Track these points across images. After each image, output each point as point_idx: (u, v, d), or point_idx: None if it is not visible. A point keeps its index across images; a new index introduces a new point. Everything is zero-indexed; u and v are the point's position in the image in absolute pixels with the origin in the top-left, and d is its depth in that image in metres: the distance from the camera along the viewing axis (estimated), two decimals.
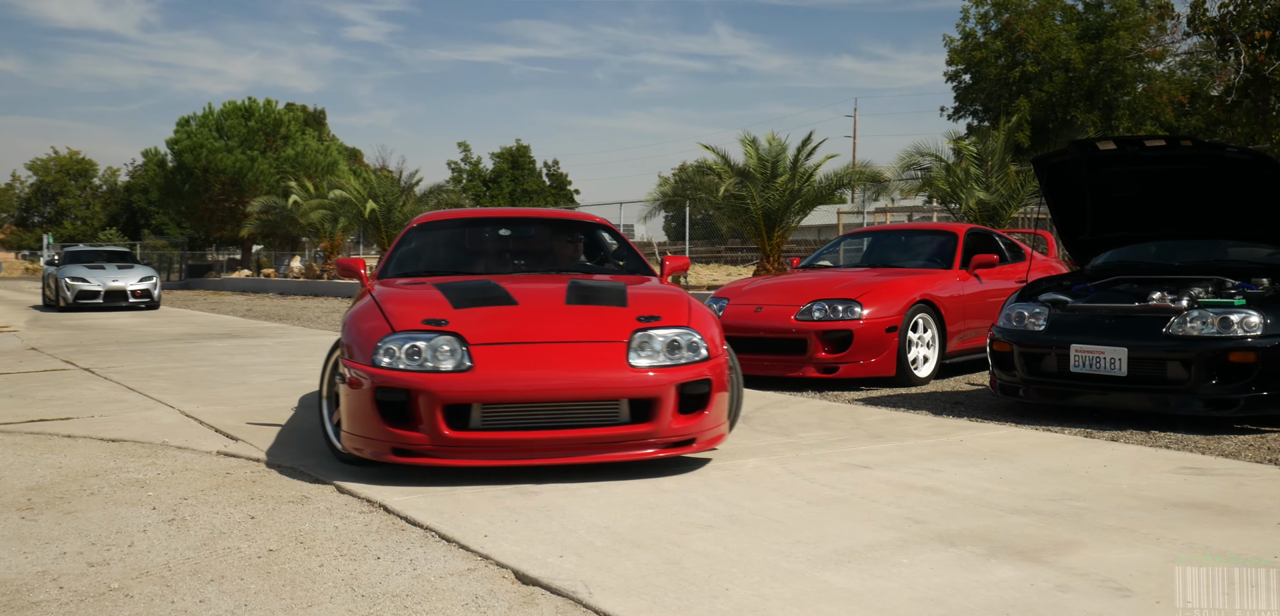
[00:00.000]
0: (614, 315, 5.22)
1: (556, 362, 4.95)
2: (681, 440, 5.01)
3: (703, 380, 5.04)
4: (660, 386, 4.90)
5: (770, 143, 18.43)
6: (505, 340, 5.04)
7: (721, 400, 5.20)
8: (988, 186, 15.59)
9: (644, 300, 5.42)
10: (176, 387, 8.64)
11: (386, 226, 28.91)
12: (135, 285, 22.64)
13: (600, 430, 4.90)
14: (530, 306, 5.37)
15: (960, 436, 6.08)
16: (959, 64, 44.80)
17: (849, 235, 11.03)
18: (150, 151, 42.71)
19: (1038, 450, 5.65)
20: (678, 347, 5.07)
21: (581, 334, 5.11)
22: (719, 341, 5.29)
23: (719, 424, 5.22)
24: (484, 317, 5.17)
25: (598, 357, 4.97)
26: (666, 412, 4.92)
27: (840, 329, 8.25)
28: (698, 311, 5.42)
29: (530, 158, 66.16)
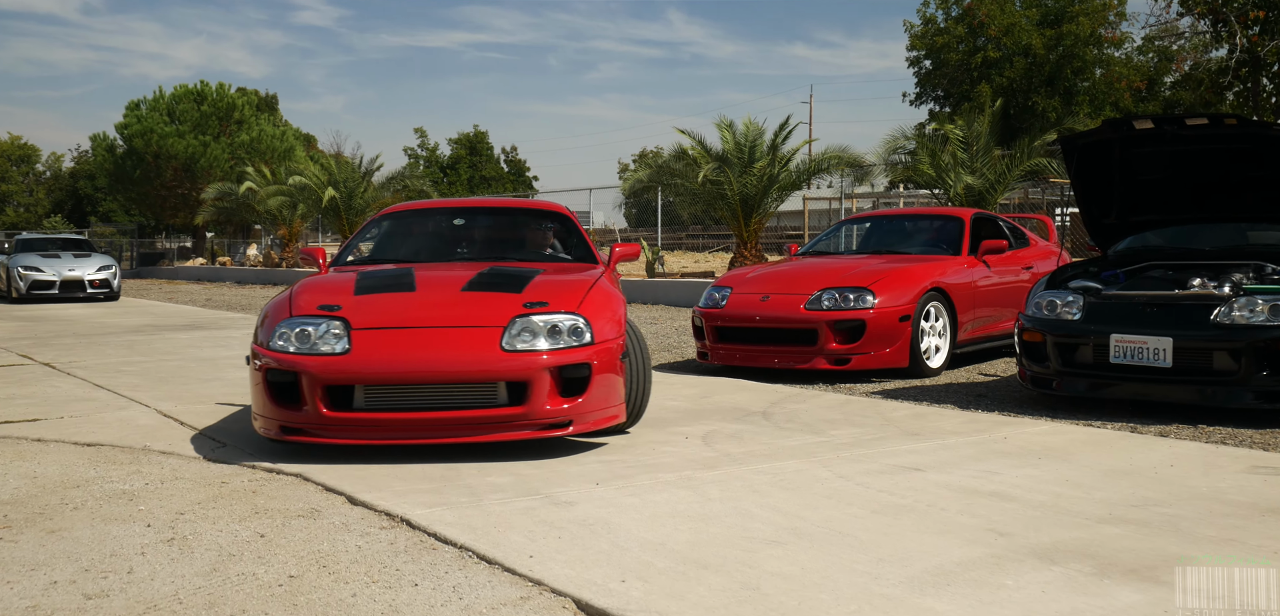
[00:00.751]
0: (502, 301, 5.38)
1: (431, 347, 5.14)
2: (557, 422, 5.12)
3: (581, 364, 5.15)
4: (531, 369, 5.04)
5: (747, 127, 18.07)
6: (388, 325, 5.27)
7: (608, 383, 5.27)
8: (973, 170, 15.35)
9: (542, 286, 5.57)
10: (148, 384, 8.11)
11: (347, 213, 28.22)
12: (93, 275, 21.72)
13: (477, 411, 5.06)
14: (428, 293, 5.62)
15: (1001, 433, 5.75)
16: (920, 49, 44.78)
17: (848, 220, 10.70)
18: (99, 136, 41.47)
19: (1090, 448, 5.34)
20: (558, 332, 5.19)
21: (463, 320, 5.30)
22: (612, 328, 5.38)
23: (604, 407, 5.29)
24: (377, 303, 5.44)
25: (470, 342, 5.15)
26: (540, 395, 5.05)
27: (852, 318, 7.90)
28: (596, 298, 5.52)
29: (488, 144, 65.38)
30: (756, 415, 6.46)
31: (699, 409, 6.73)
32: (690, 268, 25.30)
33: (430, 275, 5.97)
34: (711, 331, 8.52)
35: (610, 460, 5.15)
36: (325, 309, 5.34)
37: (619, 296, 5.77)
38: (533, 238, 7.19)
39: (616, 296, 5.72)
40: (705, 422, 6.21)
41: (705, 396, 7.25)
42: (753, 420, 6.28)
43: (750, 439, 5.69)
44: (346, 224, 28.39)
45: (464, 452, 5.28)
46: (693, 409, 6.73)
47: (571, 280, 5.80)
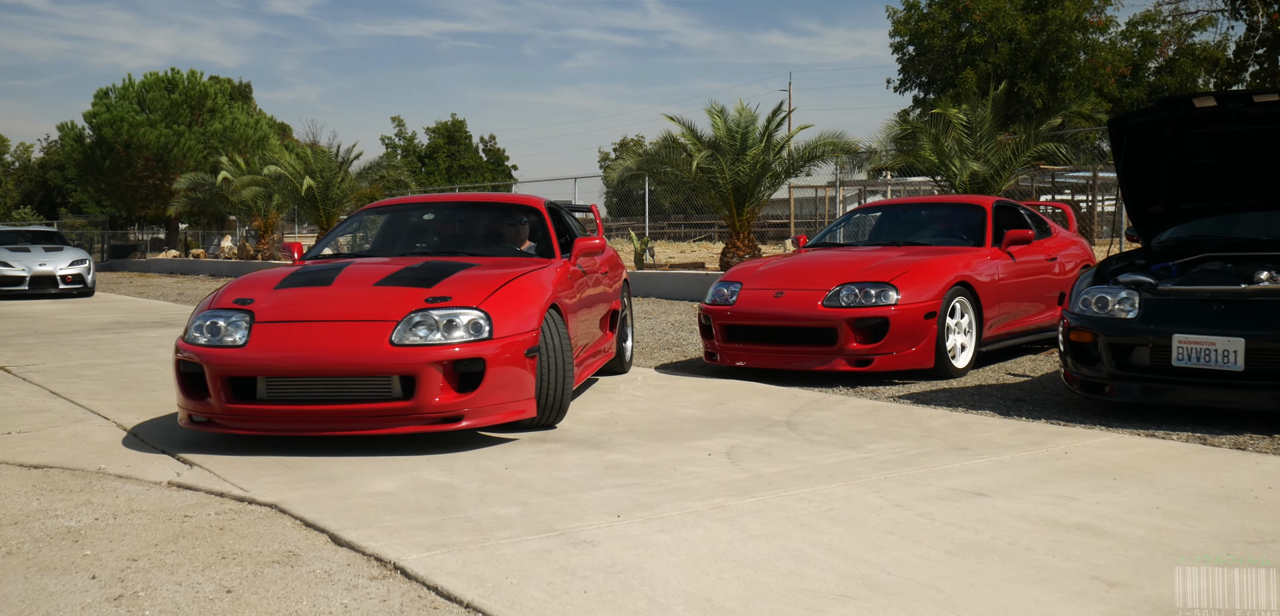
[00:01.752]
0: (407, 296, 5.43)
1: (322, 340, 5.22)
2: (448, 417, 5.13)
3: (474, 359, 5.15)
4: (417, 363, 5.06)
5: (740, 113, 17.45)
6: (289, 319, 5.41)
7: (508, 378, 5.27)
8: (977, 156, 14.77)
9: (456, 281, 5.60)
10: (110, 391, 7.44)
11: (324, 204, 27.42)
12: (66, 270, 20.49)
13: (371, 405, 5.10)
14: (342, 289, 5.69)
15: (1060, 447, 5.17)
16: (903, 35, 44.30)
17: (859, 209, 10.09)
18: (66, 126, 40.31)
19: (1167, 465, 4.76)
20: (454, 326, 5.21)
21: (361, 314, 5.36)
22: (517, 323, 5.39)
23: (504, 403, 5.30)
24: (288, 298, 5.61)
25: (361, 336, 5.20)
26: (430, 389, 5.06)
27: (874, 316, 7.31)
28: (508, 293, 5.53)
29: (466, 133, 64.57)
30: (780, 425, 5.87)
31: (715, 418, 6.13)
32: (677, 258, 24.69)
33: (356, 271, 6.04)
34: (720, 330, 7.91)
35: (628, 484, 4.54)
36: (239, 302, 5.57)
37: (545, 290, 5.77)
38: (503, 232, 7.21)
39: (539, 291, 5.72)
40: (726, 435, 5.61)
41: (719, 402, 6.65)
42: (778, 431, 5.69)
43: (780, 455, 5.09)
44: (324, 215, 27.61)
45: (463, 472, 4.67)
46: (709, 418, 6.13)
47: (492, 275, 5.78)
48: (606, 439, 5.54)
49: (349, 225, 7.98)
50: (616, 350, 7.81)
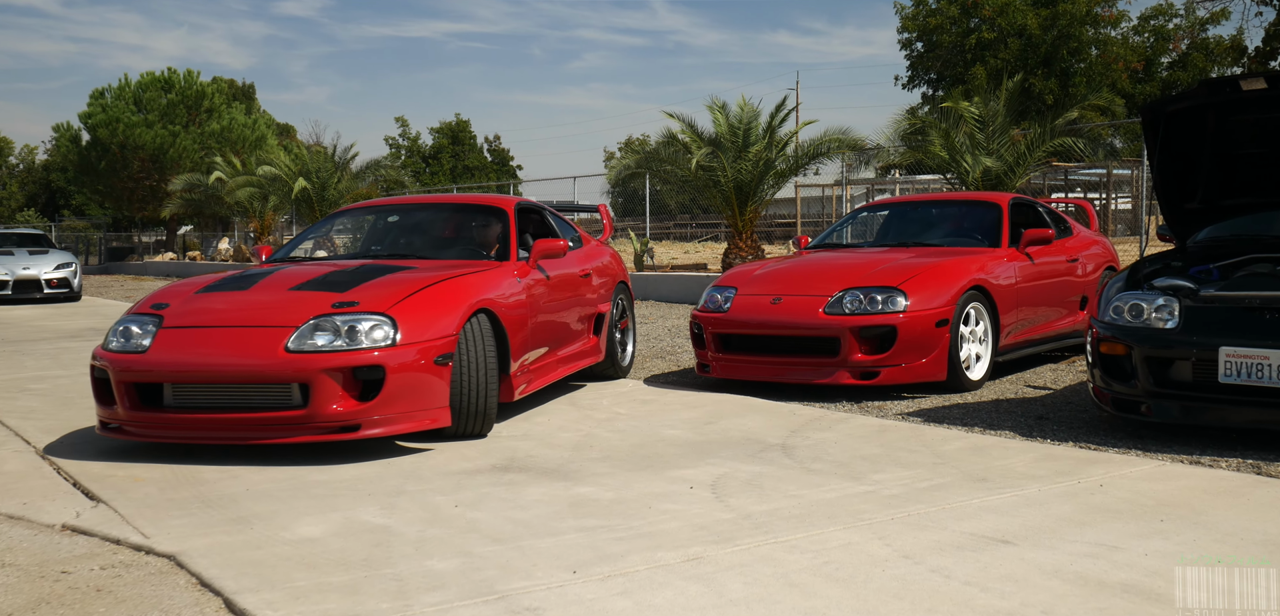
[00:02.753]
0: (314, 300, 5.30)
1: (219, 346, 5.14)
2: (345, 425, 4.99)
3: (373, 366, 4.99)
4: (309, 370, 4.93)
5: (742, 108, 16.79)
6: (194, 324, 5.31)
7: (412, 385, 5.11)
8: (991, 152, 14.08)
9: (372, 286, 5.48)
10: (48, 408, 6.82)
11: (320, 205, 26.82)
12: (50, 273, 19.81)
13: (271, 413, 4.99)
14: (257, 294, 5.60)
15: (1093, 478, 4.51)
16: (911, 31, 43.55)
17: (865, 207, 9.42)
18: (62, 126, 39.83)
19: (1220, 502, 4.10)
20: (355, 333, 5.06)
21: (263, 320, 5.23)
22: (428, 330, 5.21)
23: (409, 413, 5.14)
24: (202, 302, 5.52)
25: (256, 342, 5.08)
26: (324, 396, 4.93)
27: (881, 324, 6.66)
28: (423, 298, 5.37)
29: (470, 133, 63.98)
30: (775, 449, 5.22)
31: (704, 440, 5.49)
32: (680, 259, 24.04)
33: (283, 275, 5.90)
34: (713, 339, 7.26)
35: (594, 527, 3.90)
36: (155, 307, 5.50)
37: (470, 295, 5.57)
38: (469, 234, 7.04)
39: (462, 295, 5.53)
40: (713, 461, 4.97)
41: (710, 421, 6.00)
42: (772, 456, 5.04)
43: (772, 487, 4.45)
44: (320, 215, 26.99)
45: (405, 512, 4.03)
46: (696, 440, 5.49)
47: (413, 279, 5.62)
48: (578, 467, 4.91)
49: (320, 228, 7.87)
50: (607, 354, 7.58)
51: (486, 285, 5.83)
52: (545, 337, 6.55)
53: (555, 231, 7.48)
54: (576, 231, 7.96)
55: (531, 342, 6.28)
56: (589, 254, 7.67)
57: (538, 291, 6.45)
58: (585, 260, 7.49)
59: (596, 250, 7.91)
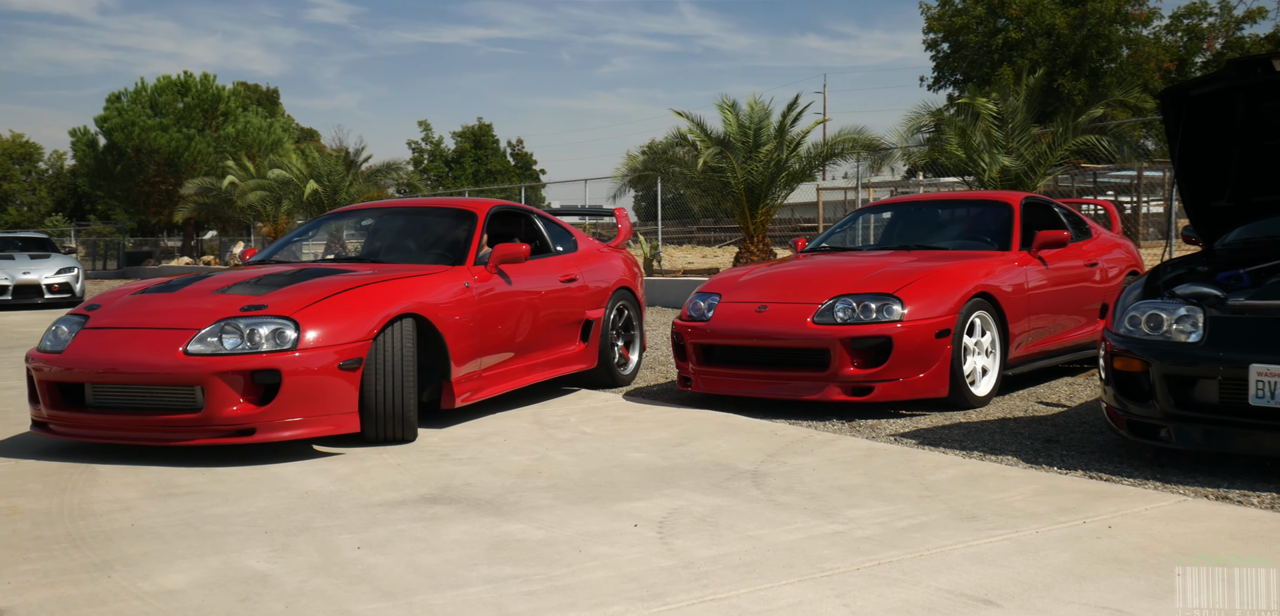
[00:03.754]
0: (228, 303, 5.32)
1: (123, 346, 5.18)
2: (239, 429, 4.99)
3: (267, 370, 4.99)
4: (203, 373, 4.94)
5: (752, 107, 16.19)
6: (112, 325, 5.36)
7: (311, 389, 5.06)
8: (1009, 151, 13.38)
9: (290, 290, 5.47)
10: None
11: (331, 207, 26.42)
12: (51, 278, 19.33)
13: (175, 415, 5.02)
14: (179, 297, 5.62)
15: (1101, 516, 3.90)
16: (937, 31, 42.74)
17: (866, 208, 8.79)
18: (78, 130, 39.66)
19: (1252, 548, 3.47)
20: (256, 337, 5.05)
21: (171, 322, 5.24)
22: (334, 334, 5.16)
23: (311, 418, 5.09)
24: (130, 305, 5.56)
25: (159, 343, 5.12)
26: (220, 399, 4.95)
27: (874, 334, 6.05)
28: (334, 303, 5.31)
29: (493, 137, 63.61)
30: (744, 477, 4.64)
31: (668, 466, 4.91)
32: (697, 263, 23.45)
33: (215, 279, 5.96)
34: (694, 350, 6.68)
35: (508, 577, 3.33)
36: (89, 307, 5.63)
37: (390, 300, 5.46)
38: (438, 238, 6.85)
39: (381, 300, 5.44)
40: (671, 492, 4.39)
41: (680, 443, 5.42)
42: (738, 486, 4.46)
43: (729, 526, 3.86)
44: None
45: (296, 553, 3.48)
46: (659, 466, 4.91)
47: (330, 283, 5.57)
48: (517, 498, 4.34)
49: (305, 231, 7.79)
50: (601, 361, 7.42)
51: (418, 290, 5.72)
52: (504, 343, 6.39)
53: (543, 235, 7.37)
54: (573, 236, 7.72)
55: (483, 349, 6.14)
56: (580, 258, 7.46)
57: (494, 296, 6.29)
58: (572, 264, 7.30)
59: (593, 254, 7.67)
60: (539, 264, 6.97)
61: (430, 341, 5.74)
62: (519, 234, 7.36)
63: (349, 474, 4.81)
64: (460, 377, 5.90)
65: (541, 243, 7.36)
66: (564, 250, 7.45)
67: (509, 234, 7.30)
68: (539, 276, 6.85)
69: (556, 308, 6.94)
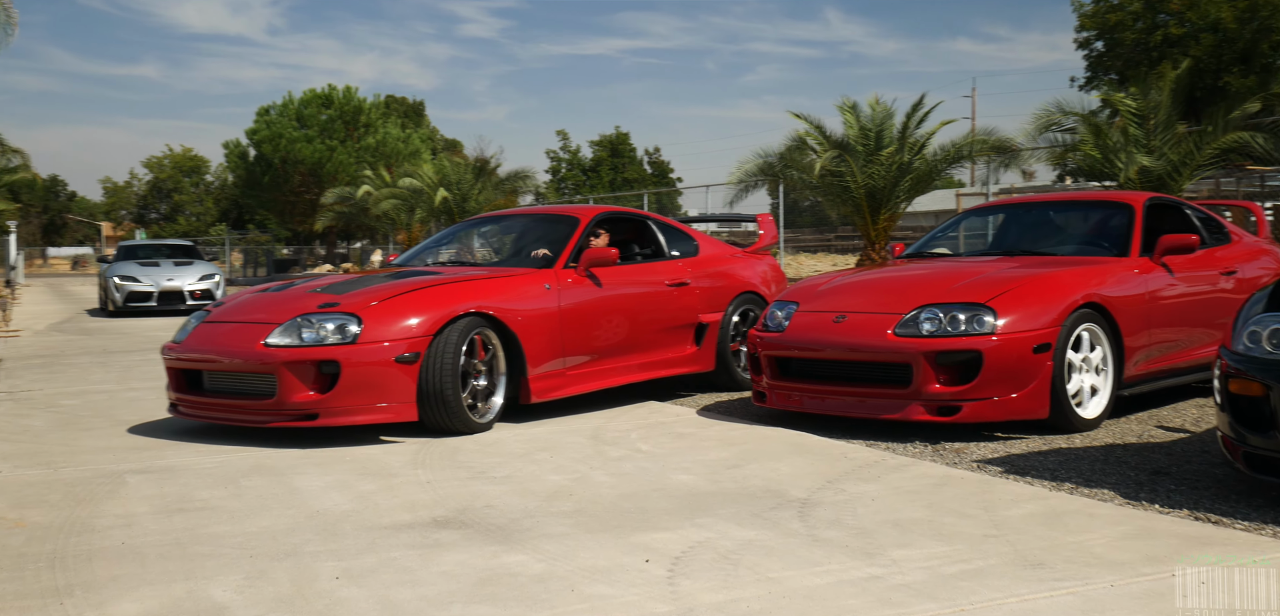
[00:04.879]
0: (312, 300, 5.91)
1: (225, 338, 5.85)
2: (304, 414, 5.51)
3: (329, 360, 5.48)
4: (274, 362, 5.50)
5: (873, 109, 15.49)
6: (222, 319, 6.06)
7: (367, 379, 5.49)
8: (1150, 150, 12.33)
9: (366, 290, 5.98)
10: (44, 430, 6.34)
11: (460, 215, 26.71)
12: (194, 285, 19.50)
13: (258, 400, 5.61)
14: (282, 295, 6.17)
15: (1193, 570, 3.28)
16: (1090, 29, 40.62)
17: (972, 212, 8.11)
18: (231, 143, 41.44)
19: None
20: (323, 330, 5.56)
21: (261, 317, 5.85)
22: (394, 331, 5.58)
23: (366, 405, 5.52)
24: (242, 302, 6.29)
25: (243, 335, 5.75)
26: (288, 386, 5.49)
27: (962, 348, 5.46)
28: (398, 302, 5.74)
29: (630, 145, 63.73)
30: (792, 506, 4.16)
31: (712, 491, 4.46)
32: (826, 272, 22.74)
33: (324, 280, 6.58)
34: (769, 363, 6.20)
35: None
36: (215, 305, 6.42)
37: (450, 302, 5.82)
38: (537, 241, 7.12)
39: (440, 301, 5.82)
40: (702, 522, 3.95)
41: (735, 465, 4.97)
42: (780, 518, 3.99)
43: (749, 567, 3.40)
44: None
45: (268, 582, 3.19)
46: (701, 490, 4.47)
47: (402, 284, 6.03)
48: (533, 524, 3.98)
49: (440, 239, 8.12)
50: (719, 365, 7.49)
51: (488, 292, 6.05)
52: (592, 344, 6.61)
53: (658, 240, 7.56)
54: (695, 240, 7.80)
55: (566, 349, 6.39)
56: (698, 262, 7.56)
57: (580, 298, 6.54)
58: (685, 269, 7.42)
59: (715, 259, 7.74)
60: (641, 267, 7.23)
61: (511, 340, 6.07)
62: (633, 239, 7.59)
63: (371, 492, 4.53)
64: (537, 375, 6.18)
65: (655, 247, 7.55)
66: (681, 255, 7.55)
67: (625, 239, 7.54)
68: (639, 279, 7.08)
69: (659, 310, 7.10)
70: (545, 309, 6.29)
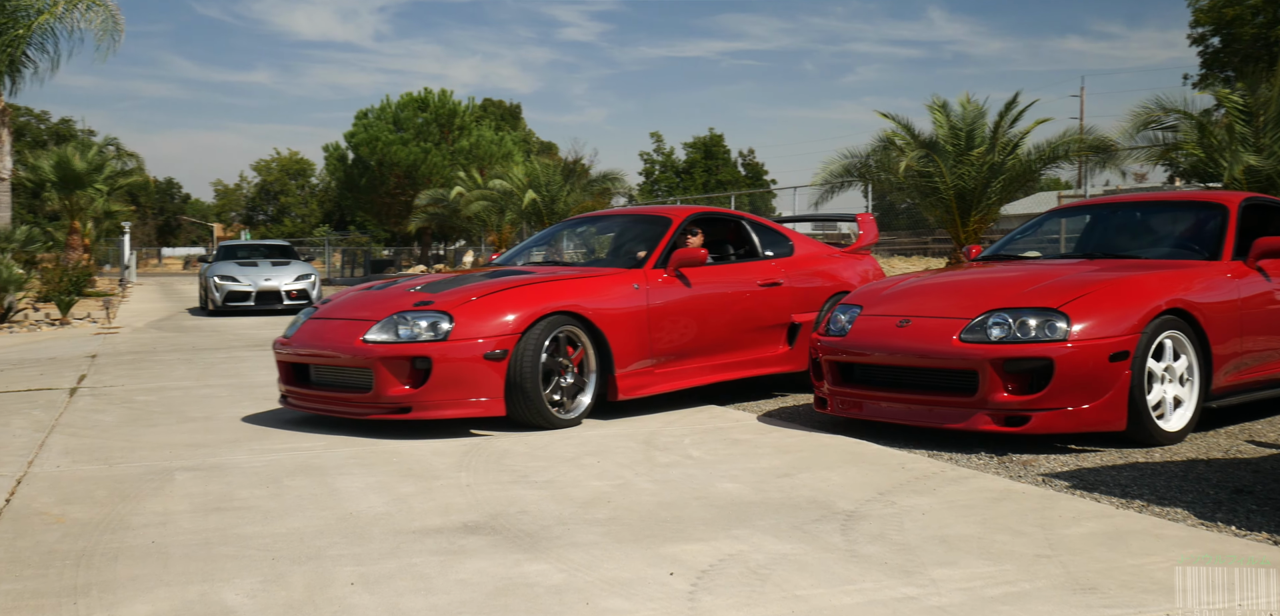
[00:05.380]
0: (410, 298, 6.10)
1: (329, 334, 6.12)
2: (398, 407, 5.74)
3: (420, 356, 5.70)
4: (370, 358, 5.75)
5: (964, 106, 15.02)
6: (326, 315, 6.35)
7: (461, 376, 5.70)
8: (1259, 148, 11.68)
9: (461, 288, 6.19)
10: (114, 423, 6.46)
11: (548, 217, 26.83)
12: (290, 284, 19.63)
13: (358, 393, 5.84)
14: (383, 293, 6.40)
15: (1261, 600, 3.01)
16: (1206, 24, 38.99)
17: (1055, 212, 7.73)
18: (331, 146, 42.42)
19: None
20: (417, 328, 5.78)
21: (362, 313, 6.08)
22: (484, 328, 5.78)
23: (456, 400, 5.74)
24: (345, 299, 6.51)
25: (345, 331, 5.99)
26: (383, 381, 5.73)
27: (1032, 355, 5.18)
28: (487, 301, 5.93)
29: (724, 147, 63.42)
30: (835, 519, 3.97)
31: (756, 500, 4.29)
32: None
33: (423, 279, 6.77)
34: (830, 369, 5.99)
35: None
36: (322, 302, 6.76)
37: (535, 300, 5.99)
38: (631, 241, 7.32)
39: (526, 299, 5.97)
40: (738, 534, 3.79)
41: (786, 474, 4.78)
42: (821, 532, 3.80)
43: (778, 584, 3.23)
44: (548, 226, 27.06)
45: (284, 586, 3.14)
46: (746, 499, 4.30)
47: (494, 284, 6.20)
48: (562, 532, 3.86)
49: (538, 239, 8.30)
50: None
51: (577, 291, 6.22)
52: (681, 343, 6.70)
53: (752, 240, 7.58)
54: (791, 240, 7.81)
55: (655, 348, 6.52)
56: (793, 262, 7.58)
57: (668, 298, 6.65)
58: (779, 269, 7.44)
59: (811, 259, 7.76)
60: (733, 268, 7.29)
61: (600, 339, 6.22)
62: (727, 239, 7.67)
63: (409, 495, 4.47)
64: (625, 373, 6.32)
65: (749, 247, 7.60)
66: (775, 255, 7.58)
67: (719, 240, 7.62)
68: (729, 279, 7.14)
69: (750, 310, 7.15)
70: (633, 308, 6.42)
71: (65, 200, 33.32)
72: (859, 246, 8.48)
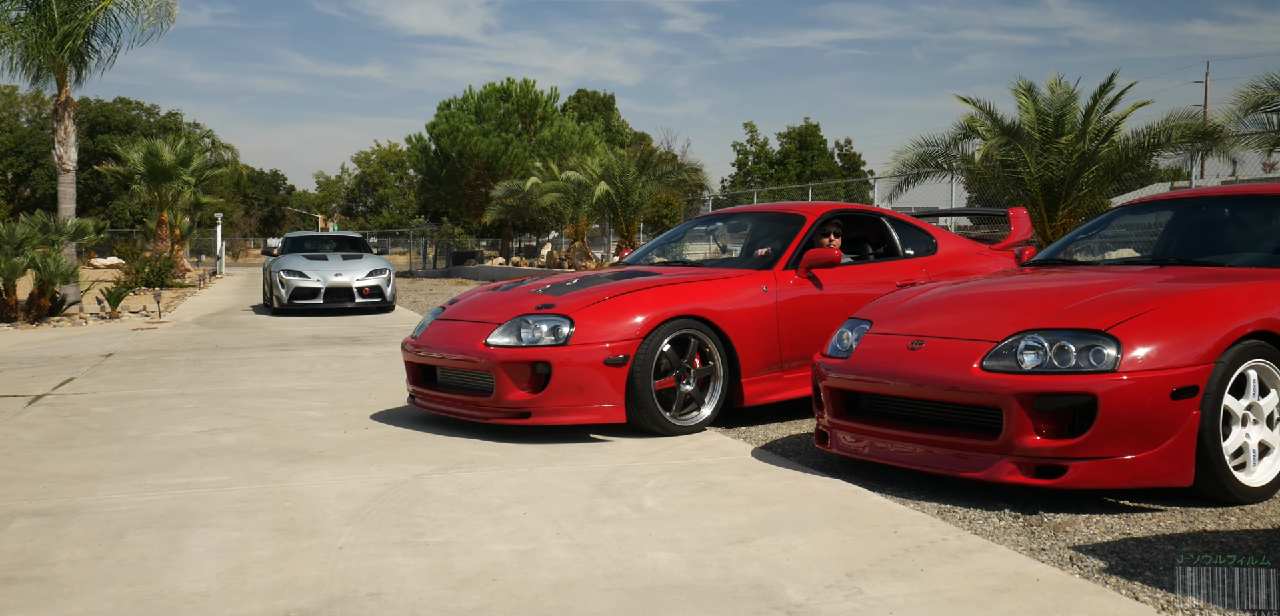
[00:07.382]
0: (533, 301, 6.03)
1: (453, 336, 6.11)
2: (518, 412, 5.65)
3: (540, 362, 5.60)
4: (491, 362, 5.69)
5: (1053, 90, 13.69)
6: (452, 318, 6.38)
7: (581, 382, 5.55)
8: None
9: (584, 291, 6.02)
10: (103, 441, 5.79)
11: (623, 210, 26.00)
12: (362, 281, 17.43)
13: (480, 396, 5.81)
14: (507, 295, 6.35)
15: None
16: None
17: (1126, 207, 6.50)
18: (414, 137, 42.23)
19: None
20: (537, 332, 5.67)
21: (486, 316, 6.06)
22: (605, 334, 5.61)
23: (576, 406, 5.58)
24: (469, 301, 6.56)
25: (469, 334, 5.97)
26: (504, 386, 5.66)
27: (1070, 390, 4.09)
28: (610, 305, 5.75)
29: (819, 137, 61.81)
30: (777, 614, 2.98)
31: (687, 581, 3.33)
32: None
33: (549, 279, 6.60)
34: (830, 396, 4.96)
35: None
36: (450, 302, 6.72)
37: (646, 305, 5.76)
38: (761, 239, 7.08)
39: (636, 306, 5.75)
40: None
41: (743, 538, 3.80)
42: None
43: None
44: (623, 221, 26.19)
45: None
46: (674, 580, 3.34)
47: (619, 286, 6.01)
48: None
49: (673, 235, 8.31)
50: None
51: (701, 295, 5.97)
52: (813, 348, 5.92)
53: (892, 239, 7.18)
54: (934, 239, 7.35)
55: (784, 352, 6.22)
56: (936, 261, 7.10)
57: (798, 300, 6.33)
58: (918, 268, 6.95)
59: (956, 258, 7.24)
60: (868, 268, 6.87)
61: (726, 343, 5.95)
62: (864, 237, 7.34)
63: (259, 562, 3.62)
64: (752, 378, 6.07)
65: (888, 246, 7.21)
66: (916, 254, 7.15)
67: (856, 238, 7.31)
68: (864, 280, 6.68)
69: None
70: (761, 311, 6.14)
71: (154, 191, 33.68)
72: (1009, 242, 7.71)
